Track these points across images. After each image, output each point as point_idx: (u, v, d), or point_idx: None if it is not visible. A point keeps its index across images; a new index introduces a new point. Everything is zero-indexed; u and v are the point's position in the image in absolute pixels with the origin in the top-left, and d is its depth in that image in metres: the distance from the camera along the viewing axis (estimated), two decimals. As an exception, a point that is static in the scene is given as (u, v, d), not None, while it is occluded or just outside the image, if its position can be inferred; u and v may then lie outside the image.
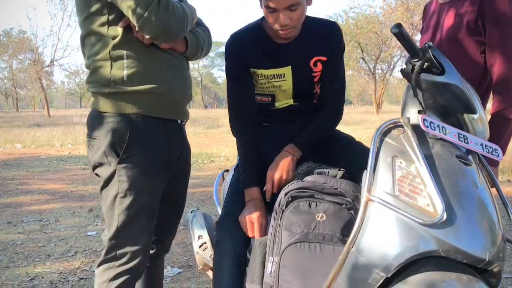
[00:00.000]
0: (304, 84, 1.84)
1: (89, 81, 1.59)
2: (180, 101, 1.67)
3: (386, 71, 33.86)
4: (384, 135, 1.36)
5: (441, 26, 1.80)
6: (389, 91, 60.77)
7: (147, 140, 1.56)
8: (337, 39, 1.81)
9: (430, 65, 1.37)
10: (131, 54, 1.52)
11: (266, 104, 1.91)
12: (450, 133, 1.33)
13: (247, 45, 1.76)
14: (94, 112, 1.59)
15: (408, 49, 1.37)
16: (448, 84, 1.36)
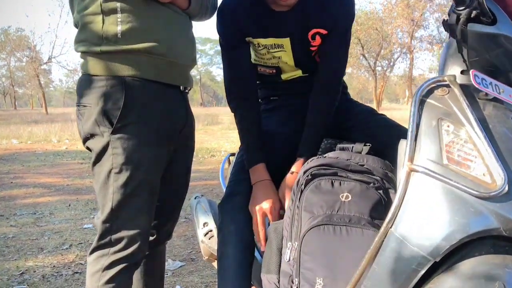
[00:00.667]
0: (304, 57, 1.62)
1: (78, 40, 1.38)
2: (182, 64, 1.46)
3: (386, 68, 33.63)
4: (425, 96, 1.16)
5: None
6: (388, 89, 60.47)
7: (145, 107, 1.34)
8: (344, 9, 1.55)
9: (480, 13, 1.16)
10: (126, 7, 1.31)
11: (271, 76, 1.70)
12: (504, 92, 1.12)
13: (240, 10, 1.53)
14: (84, 76, 1.38)
15: (454, -3, 1.16)
16: (501, 35, 1.15)
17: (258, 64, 1.68)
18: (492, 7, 1.17)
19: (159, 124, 1.38)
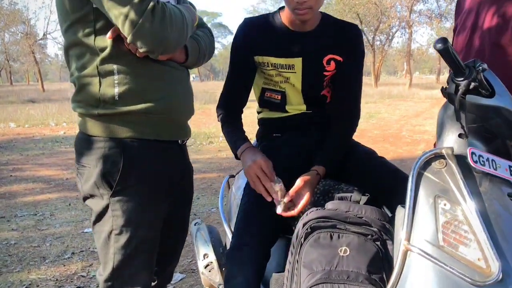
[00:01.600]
0: (313, 81, 1.68)
1: (75, 100, 1.38)
2: (180, 119, 1.47)
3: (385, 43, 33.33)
4: (423, 168, 1.17)
5: (480, 28, 1.58)
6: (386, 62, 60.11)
7: (144, 168, 1.36)
8: (357, 40, 1.68)
9: (478, 85, 1.17)
10: (122, 69, 1.31)
11: (275, 104, 1.74)
12: (501, 168, 1.14)
13: (258, 30, 1.65)
14: (82, 135, 1.39)
15: (453, 67, 1.17)
16: (499, 108, 1.16)
17: (266, 88, 1.74)
18: (490, 79, 1.19)
19: (158, 183, 1.39)
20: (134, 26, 1.18)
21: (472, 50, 1.61)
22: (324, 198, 1.61)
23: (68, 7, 1.28)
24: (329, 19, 1.68)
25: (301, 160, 1.68)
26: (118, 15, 1.18)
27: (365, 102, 18.99)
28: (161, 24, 1.20)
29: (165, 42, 1.24)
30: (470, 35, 1.63)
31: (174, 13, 1.25)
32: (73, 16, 1.29)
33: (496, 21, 1.52)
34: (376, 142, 8.36)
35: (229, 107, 1.76)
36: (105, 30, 1.28)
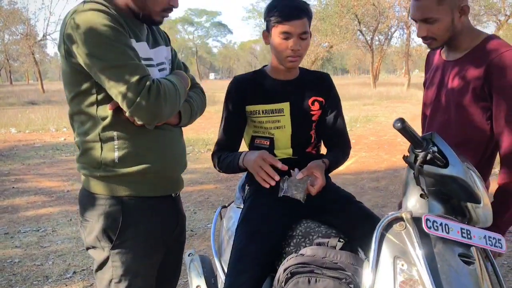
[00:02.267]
0: (301, 120, 1.90)
1: (79, 161, 1.54)
2: (174, 175, 1.63)
3: (383, 43, 33.46)
4: (386, 229, 1.33)
5: (445, 86, 1.74)
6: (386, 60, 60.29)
7: (141, 223, 1.52)
8: (331, 85, 1.97)
9: (433, 157, 1.32)
10: (121, 135, 1.47)
11: (265, 149, 1.90)
12: (453, 231, 1.29)
13: (247, 84, 1.90)
14: (85, 192, 1.55)
15: (412, 141, 1.32)
16: (452, 177, 1.32)
17: (256, 136, 1.94)
18: (444, 150, 1.34)
19: (154, 236, 1.55)
20: (132, 104, 1.34)
21: (440, 106, 1.76)
22: (305, 240, 1.77)
23: (73, 80, 1.45)
24: (306, 70, 1.99)
25: (288, 208, 1.82)
26: (118, 93, 1.35)
27: (362, 104, 19.15)
28: (156, 101, 1.36)
29: (160, 116, 1.40)
30: (437, 92, 1.78)
31: (168, 88, 1.42)
32: (77, 89, 1.45)
33: (458, 82, 1.67)
34: (371, 149, 8.52)
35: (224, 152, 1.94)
36: (106, 101, 1.43)
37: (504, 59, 1.56)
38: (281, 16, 1.74)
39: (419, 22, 1.68)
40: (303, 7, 1.77)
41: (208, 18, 71.94)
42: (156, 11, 1.52)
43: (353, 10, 27.45)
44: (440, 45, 1.71)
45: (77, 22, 1.35)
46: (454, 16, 1.62)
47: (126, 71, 1.34)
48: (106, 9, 1.40)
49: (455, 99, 1.69)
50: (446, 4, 1.61)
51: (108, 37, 1.34)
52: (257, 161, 1.71)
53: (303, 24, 1.75)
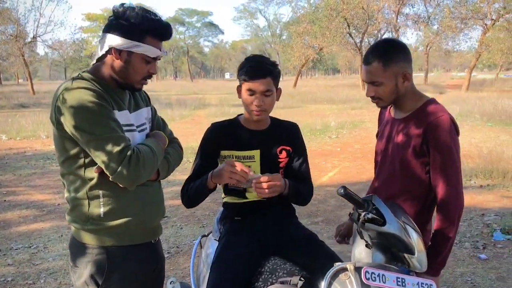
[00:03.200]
0: (269, 167, 2.12)
1: (70, 215, 1.75)
2: (153, 224, 1.84)
3: (373, 45, 33.81)
4: (333, 278, 1.55)
5: (392, 141, 1.97)
6: (376, 61, 60.67)
7: (124, 269, 1.73)
8: (298, 134, 2.22)
9: (373, 216, 1.55)
10: (106, 193, 1.68)
11: (238, 191, 2.14)
12: (389, 280, 1.52)
13: (224, 131, 2.14)
14: (75, 241, 1.75)
15: (355, 203, 1.55)
16: (389, 233, 1.55)
17: None
18: (383, 211, 1.57)
19: (136, 278, 1.76)
20: (114, 172, 1.57)
21: (387, 158, 2.00)
22: (271, 276, 1.99)
23: (63, 146, 1.66)
24: (276, 120, 2.22)
25: (258, 246, 2.04)
26: (102, 162, 1.57)
27: (351, 108, 19.46)
28: (135, 169, 1.59)
29: (139, 180, 1.63)
30: (386, 145, 2.01)
31: (146, 155, 1.64)
32: (67, 154, 1.66)
33: (402, 139, 1.90)
34: (355, 159, 8.77)
35: None
36: (92, 164, 1.65)
37: (439, 122, 1.79)
38: (247, 75, 2.01)
39: (368, 84, 1.91)
40: (267, 68, 2.01)
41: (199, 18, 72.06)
42: (137, 80, 1.74)
43: (343, 14, 27.79)
44: (386, 104, 1.94)
45: (66, 99, 1.57)
46: (397, 82, 1.86)
47: (109, 143, 1.56)
48: (92, 86, 1.62)
49: (399, 153, 1.92)
50: (391, 71, 1.84)
51: (93, 112, 1.56)
52: (226, 169, 1.90)
53: (266, 83, 1.99)
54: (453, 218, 1.81)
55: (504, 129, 12.41)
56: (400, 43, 1.93)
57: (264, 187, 1.88)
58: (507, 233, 4.60)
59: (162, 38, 1.73)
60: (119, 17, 1.67)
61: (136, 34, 1.66)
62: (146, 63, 1.71)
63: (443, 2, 28.46)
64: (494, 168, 6.96)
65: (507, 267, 3.86)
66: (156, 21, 1.69)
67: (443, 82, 46.36)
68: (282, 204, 2.19)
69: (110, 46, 1.66)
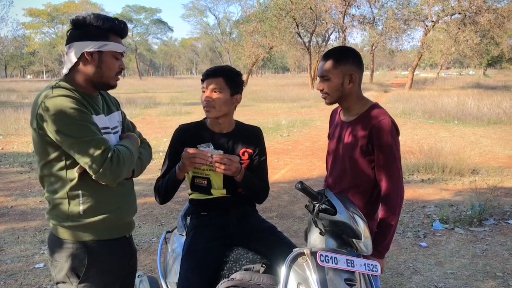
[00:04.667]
0: None
1: (49, 214, 1.88)
2: (128, 219, 2.00)
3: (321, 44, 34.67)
4: (292, 261, 1.78)
5: (342, 141, 2.21)
6: (324, 60, 62.16)
7: (103, 261, 1.88)
8: (260, 139, 2.42)
9: (327, 207, 1.79)
10: (85, 193, 1.82)
11: (203, 187, 2.33)
12: (340, 262, 1.76)
13: (189, 133, 2.34)
14: (54, 237, 1.88)
15: (310, 196, 1.78)
16: (339, 221, 1.79)
17: (195, 175, 2.35)
18: (334, 202, 1.81)
19: (113, 270, 1.92)
20: (97, 172, 1.72)
21: (338, 157, 2.25)
22: (235, 265, 2.20)
23: (44, 151, 1.79)
24: (240, 125, 2.42)
25: (223, 238, 2.25)
26: (85, 163, 1.72)
27: (300, 107, 19.94)
28: (117, 168, 1.74)
29: (120, 178, 1.79)
30: (336, 145, 2.26)
31: (125, 154, 1.80)
32: (48, 157, 1.79)
33: (350, 140, 2.16)
34: (306, 156, 9.12)
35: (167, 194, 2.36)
36: (73, 165, 1.79)
37: (382, 125, 2.06)
38: (203, 75, 2.32)
39: (320, 78, 2.18)
40: (221, 70, 2.27)
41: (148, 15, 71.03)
42: (112, 76, 1.90)
43: (291, 14, 28.31)
44: (332, 101, 2.20)
45: (48, 106, 1.70)
46: (343, 81, 2.12)
47: (91, 146, 1.71)
48: (71, 93, 1.76)
49: (348, 153, 2.17)
50: (339, 70, 2.12)
51: (74, 117, 1.71)
52: (185, 157, 2.13)
53: (216, 81, 2.25)
54: (394, 209, 2.08)
55: (444, 126, 13.22)
56: (355, 52, 2.21)
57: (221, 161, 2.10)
58: (445, 222, 5.03)
59: (121, 35, 1.92)
60: (81, 25, 1.83)
61: (102, 35, 1.83)
62: (115, 59, 1.88)
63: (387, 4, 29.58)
64: (434, 163, 7.48)
65: (444, 253, 4.25)
66: (114, 21, 1.87)
67: (388, 81, 48.17)
68: (244, 200, 2.40)
69: (81, 52, 1.81)
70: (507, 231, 4.81)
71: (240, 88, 2.32)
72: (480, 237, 4.64)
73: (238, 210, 2.36)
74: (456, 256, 4.18)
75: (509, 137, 10.97)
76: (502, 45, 36.73)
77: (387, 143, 2.06)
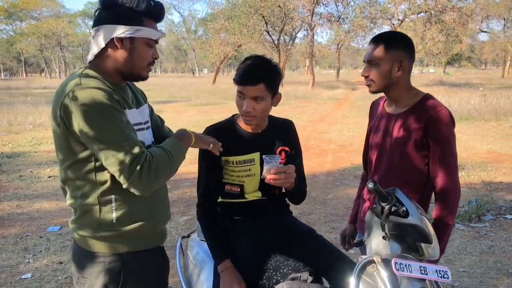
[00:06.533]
0: None
1: (76, 223, 1.62)
2: (162, 227, 1.77)
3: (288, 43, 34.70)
4: (361, 271, 1.58)
5: (390, 135, 2.03)
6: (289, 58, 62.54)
7: (140, 275, 1.64)
8: (295, 134, 2.19)
9: (397, 209, 1.60)
10: (119, 198, 1.57)
11: (235, 194, 2.11)
12: (414, 269, 1.58)
13: (220, 137, 2.01)
14: (81, 250, 1.63)
15: (379, 196, 1.59)
16: (412, 225, 1.61)
17: (226, 182, 2.11)
18: (404, 201, 1.63)
19: (151, 282, 1.68)
20: (127, 181, 1.47)
21: (385, 152, 2.06)
22: (276, 274, 1.99)
23: (70, 149, 1.53)
24: (273, 120, 2.16)
25: (256, 248, 2.03)
26: (114, 171, 1.48)
27: (273, 104, 19.78)
28: (148, 178, 1.49)
29: (152, 188, 1.54)
30: (383, 138, 2.08)
31: (161, 161, 1.53)
32: (75, 157, 1.53)
33: (402, 133, 1.98)
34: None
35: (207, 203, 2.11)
36: (104, 167, 1.53)
37: (440, 116, 1.89)
38: (238, 77, 1.93)
39: (366, 63, 2.01)
40: (261, 74, 1.90)
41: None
42: (144, 67, 1.66)
43: (260, 11, 28.16)
44: (377, 89, 2.02)
45: (78, 98, 1.45)
46: (392, 68, 1.95)
47: (122, 151, 1.46)
48: (103, 85, 1.52)
49: (398, 148, 1.99)
50: (389, 55, 1.94)
51: (108, 118, 1.47)
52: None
53: (257, 89, 1.90)
54: (452, 206, 1.92)
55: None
56: (407, 38, 2.02)
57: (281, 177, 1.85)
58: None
59: (157, 20, 1.68)
60: (110, 5, 1.58)
61: (135, 19, 1.59)
62: (149, 47, 1.65)
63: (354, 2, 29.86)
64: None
65: (451, 251, 4.17)
66: (150, 1, 1.62)
67: (353, 79, 48.72)
68: (278, 201, 2.19)
69: (111, 37, 1.57)
70: (507, 226, 4.79)
71: (279, 85, 2.05)
72: (483, 233, 4.59)
73: (274, 213, 2.15)
74: (464, 254, 4.10)
75: (483, 133, 11.17)
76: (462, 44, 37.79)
77: (445, 136, 1.89)
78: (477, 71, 68.04)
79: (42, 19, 58.83)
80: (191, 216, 5.16)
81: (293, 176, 1.91)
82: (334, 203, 5.72)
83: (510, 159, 8.06)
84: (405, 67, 1.97)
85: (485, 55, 67.19)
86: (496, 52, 53.25)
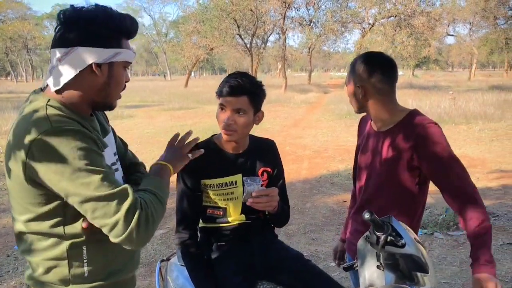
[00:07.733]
0: None
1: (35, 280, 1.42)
2: (134, 274, 1.64)
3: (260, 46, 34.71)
4: (356, 305, 1.50)
5: (379, 154, 1.94)
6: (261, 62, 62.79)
7: None
8: (276, 154, 2.10)
9: (393, 239, 1.52)
10: (91, 249, 1.40)
11: (217, 218, 2.00)
12: (412, 302, 1.50)
13: (201, 160, 1.80)
14: None
15: (375, 225, 1.51)
16: (409, 255, 1.53)
17: (208, 206, 1.99)
18: (401, 231, 1.55)
19: None
20: (120, 236, 1.27)
21: (374, 171, 1.98)
22: (265, 301, 1.89)
23: (33, 201, 1.31)
24: (254, 140, 2.05)
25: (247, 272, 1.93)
26: (103, 225, 1.27)
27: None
28: (145, 231, 1.29)
29: (148, 240, 1.35)
30: (372, 158, 2.00)
31: (155, 208, 1.35)
32: (39, 210, 1.32)
33: (391, 151, 1.90)
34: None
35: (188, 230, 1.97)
36: (74, 219, 1.34)
37: (428, 131, 1.81)
38: (220, 90, 1.87)
39: None
40: (245, 86, 1.83)
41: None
42: (117, 95, 1.48)
43: (232, 15, 28.07)
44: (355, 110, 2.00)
45: (53, 146, 1.23)
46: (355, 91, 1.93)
47: (112, 202, 1.26)
48: (77, 125, 1.31)
49: (387, 167, 1.91)
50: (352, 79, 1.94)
51: (89, 164, 1.26)
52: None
53: (240, 101, 1.83)
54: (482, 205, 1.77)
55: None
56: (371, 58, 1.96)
57: (263, 200, 1.78)
58: (423, 227, 4.96)
59: (132, 37, 1.47)
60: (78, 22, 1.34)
61: (113, 39, 1.37)
62: (124, 70, 1.45)
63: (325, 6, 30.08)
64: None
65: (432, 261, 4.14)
66: (125, 18, 1.41)
67: (324, 82, 49.16)
68: (264, 225, 2.09)
69: (88, 64, 1.34)
70: (485, 234, 4.81)
71: (262, 102, 1.96)
72: (461, 241, 4.59)
73: (259, 237, 2.04)
74: (444, 264, 4.09)
75: (454, 136, 11.31)
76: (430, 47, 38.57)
77: (441, 148, 1.80)
78: (444, 74, 69.59)
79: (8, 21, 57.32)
80: (166, 229, 5.01)
81: (276, 199, 1.84)
82: (312, 212, 5.66)
83: (482, 163, 8.17)
84: (368, 91, 1.90)
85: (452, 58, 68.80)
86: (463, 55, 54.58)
